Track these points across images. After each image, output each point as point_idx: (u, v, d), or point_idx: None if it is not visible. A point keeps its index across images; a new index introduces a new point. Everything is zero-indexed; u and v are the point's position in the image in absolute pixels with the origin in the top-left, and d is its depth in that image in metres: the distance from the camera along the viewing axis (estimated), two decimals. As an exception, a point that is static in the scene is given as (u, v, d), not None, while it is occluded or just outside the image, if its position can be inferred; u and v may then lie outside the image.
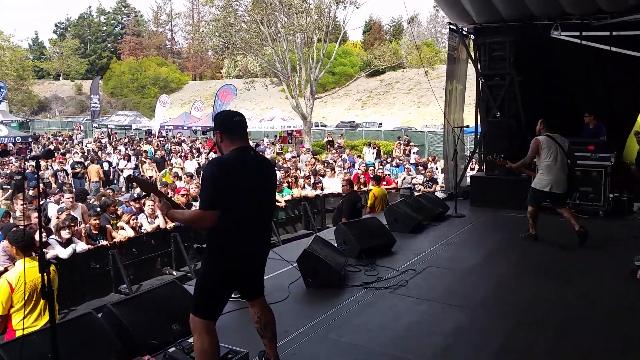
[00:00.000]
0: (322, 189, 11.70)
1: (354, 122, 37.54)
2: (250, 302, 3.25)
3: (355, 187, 10.18)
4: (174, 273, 7.57)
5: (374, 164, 15.57)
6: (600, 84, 9.05)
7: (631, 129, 9.10)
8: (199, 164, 16.75)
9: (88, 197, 10.26)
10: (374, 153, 20.28)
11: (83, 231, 7.01)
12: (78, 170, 14.98)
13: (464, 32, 9.78)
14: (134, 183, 3.54)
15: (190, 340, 3.50)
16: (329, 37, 27.39)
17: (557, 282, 5.11)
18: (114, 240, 7.16)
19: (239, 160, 2.93)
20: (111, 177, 16.14)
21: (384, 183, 11.79)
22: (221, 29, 25.89)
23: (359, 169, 13.84)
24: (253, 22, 25.81)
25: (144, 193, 6.58)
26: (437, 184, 11.93)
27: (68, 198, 8.38)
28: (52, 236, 6.49)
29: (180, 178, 12.59)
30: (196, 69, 69.51)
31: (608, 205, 7.92)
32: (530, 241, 6.62)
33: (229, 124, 3.04)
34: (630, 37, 7.97)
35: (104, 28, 72.14)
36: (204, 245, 3.05)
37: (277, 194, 10.18)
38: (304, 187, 11.52)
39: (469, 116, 11.04)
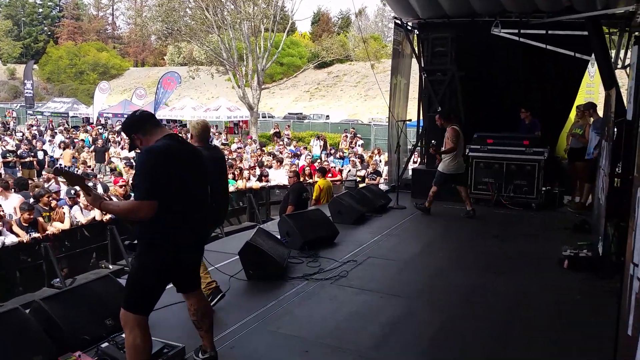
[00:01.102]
0: (267, 180, 11.64)
1: (301, 113, 37.52)
2: (186, 294, 3.18)
3: (301, 179, 10.19)
4: (110, 267, 7.33)
5: (320, 156, 15.63)
6: (536, 81, 9.45)
7: (564, 125, 9.58)
8: (137, 153, 16.27)
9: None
10: (321, 145, 20.37)
11: (13, 223, 6.66)
12: (10, 159, 14.21)
13: (409, 27, 9.92)
14: (61, 175, 3.37)
15: (124, 335, 3.41)
16: (277, 27, 27.16)
17: (491, 272, 5.31)
18: (46, 232, 6.83)
19: (169, 148, 2.86)
20: (46, 166, 15.37)
21: (329, 175, 11.86)
22: (165, 14, 25.18)
23: (305, 161, 13.86)
24: (198, 8, 25.24)
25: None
26: (381, 176, 12.13)
27: (-5, 188, 7.91)
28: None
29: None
30: (138, 55, 67.16)
31: (540, 198, 8.30)
32: (424, 213, 7.83)
33: (137, 122, 2.96)
34: (564, 37, 8.35)
35: (40, 10, 68.25)
36: (135, 242, 2.95)
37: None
38: (248, 178, 11.42)
39: (413, 110, 11.28)
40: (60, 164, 14.94)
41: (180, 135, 3.17)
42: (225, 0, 25.25)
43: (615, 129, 5.70)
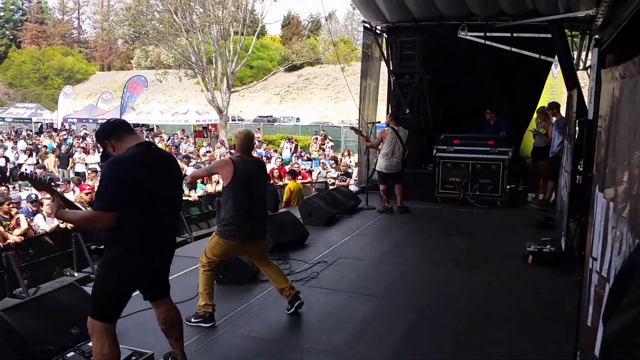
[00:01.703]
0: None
1: (271, 116, 37.39)
2: (155, 302, 3.13)
3: (271, 182, 10.16)
4: (76, 275, 7.14)
5: (290, 159, 15.62)
6: (501, 82, 9.67)
7: (528, 126, 9.83)
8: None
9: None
10: (291, 148, 20.34)
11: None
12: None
13: (378, 31, 10.02)
14: (27, 181, 3.29)
15: (90, 344, 3.33)
16: (247, 30, 27.02)
17: (459, 269, 5.42)
18: (7, 241, 6.62)
19: (139, 156, 2.80)
20: (7, 173, 14.94)
21: (300, 177, 11.86)
22: (132, 18, 24.71)
23: (275, 164, 13.82)
24: (166, 11, 24.85)
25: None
26: (351, 177, 12.19)
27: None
28: None
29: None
30: (104, 59, 65.78)
31: (505, 196, 8.50)
32: (388, 213, 7.99)
33: (110, 129, 2.91)
34: (528, 39, 8.56)
35: (1, 14, 66.16)
36: (102, 247, 2.89)
37: (189, 189, 9.93)
38: (218, 182, 11.31)
39: (382, 112, 11.38)
40: (27, 170, 14.53)
41: (152, 142, 3.11)
42: (194, 3, 24.97)
43: (577, 128, 5.89)
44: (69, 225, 7.28)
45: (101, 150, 3.09)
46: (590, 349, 2.42)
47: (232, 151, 3.82)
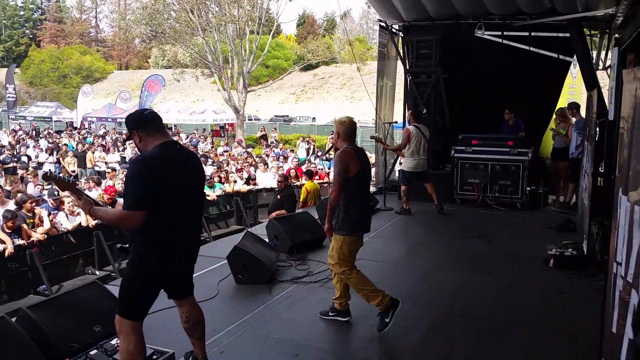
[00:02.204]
0: (255, 183, 11.62)
1: (287, 115, 37.51)
2: (179, 301, 3.18)
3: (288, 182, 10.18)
4: (97, 273, 7.26)
5: (306, 159, 15.63)
6: (520, 82, 9.55)
7: (547, 126, 9.71)
8: (122, 157, 16.11)
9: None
10: (308, 148, 20.33)
11: (-1, 231, 6.57)
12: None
13: (394, 30, 9.98)
14: (51, 181, 3.36)
15: (113, 342, 3.40)
16: (262, 29, 27.11)
17: (477, 272, 5.36)
18: (31, 239, 6.74)
19: (163, 156, 2.84)
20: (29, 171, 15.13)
21: (317, 177, 11.87)
22: (148, 17, 24.95)
23: (291, 164, 13.85)
24: (183, 10, 25.06)
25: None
26: (368, 178, 12.16)
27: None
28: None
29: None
30: (122, 58, 66.57)
31: (525, 198, 8.40)
32: (406, 214, 7.96)
33: (143, 120, 2.95)
34: (546, 39, 8.48)
35: (22, 13, 67.31)
36: (127, 245, 2.94)
37: (208, 188, 10.02)
38: (235, 181, 11.39)
39: (399, 112, 11.33)
40: (50, 169, 14.77)
41: (177, 141, 3.15)
42: (210, 2, 25.14)
43: (597, 130, 5.81)
44: (91, 224, 7.39)
45: (121, 147, 3.14)
46: (615, 355, 2.39)
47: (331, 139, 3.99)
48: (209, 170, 11.21)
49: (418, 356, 3.61)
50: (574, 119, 8.20)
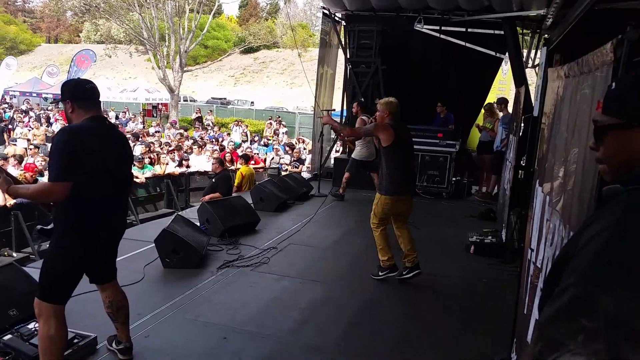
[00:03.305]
0: (188, 166, 11.35)
1: (225, 98, 36.73)
2: (101, 285, 3.07)
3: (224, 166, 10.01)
4: (14, 254, 6.84)
5: (240, 143, 15.45)
6: (453, 77, 9.90)
7: (475, 120, 10.14)
8: (47, 135, 15.25)
9: None
10: (241, 132, 20.03)
11: None
12: None
13: (336, 18, 10.01)
14: None
15: (30, 326, 3.24)
16: (202, 9, 26.35)
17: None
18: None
19: (91, 129, 2.73)
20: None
21: (252, 162, 11.77)
22: (82, -11, 23.61)
23: (228, 148, 13.65)
24: (119, -16, 23.92)
25: None
26: (304, 164, 12.21)
27: None
28: None
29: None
30: (51, 30, 62.42)
31: (451, 188, 8.77)
32: (339, 200, 8.16)
33: (82, 92, 2.82)
34: (481, 35, 8.80)
35: None
36: (50, 227, 2.80)
37: (137, 170, 9.67)
38: (167, 164, 11.07)
39: (337, 100, 11.43)
40: None
41: (106, 117, 3.03)
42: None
43: (522, 124, 6.13)
44: (9, 203, 6.95)
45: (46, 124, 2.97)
46: (524, 335, 2.56)
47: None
48: (138, 150, 10.79)
49: (347, 338, 3.69)
50: (501, 114, 8.61)
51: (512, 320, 3.19)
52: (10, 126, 16.75)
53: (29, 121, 17.22)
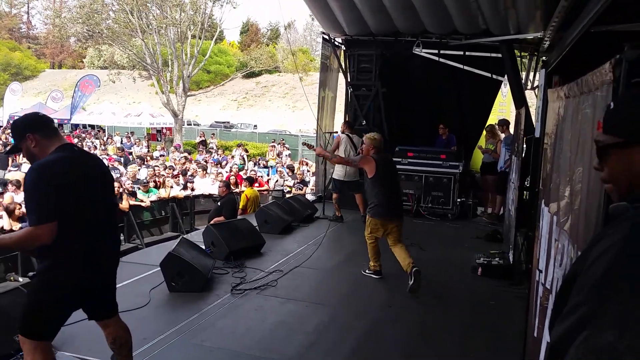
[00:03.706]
0: (192, 189, 11.38)
1: (228, 122, 37.00)
2: (102, 322, 2.86)
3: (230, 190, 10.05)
4: (20, 279, 6.82)
5: (242, 165, 15.50)
6: (454, 99, 9.98)
7: (477, 141, 10.18)
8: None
9: None
10: (242, 155, 20.07)
11: None
12: None
13: (336, 43, 10.14)
14: None
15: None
16: (205, 34, 26.74)
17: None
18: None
19: (63, 159, 2.56)
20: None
21: (257, 185, 11.80)
22: (86, 16, 23.99)
23: (230, 171, 13.69)
24: (122, 11, 24.29)
25: None
26: (307, 186, 12.24)
27: None
28: None
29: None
30: (55, 56, 63.30)
31: (456, 209, 8.75)
32: (339, 222, 8.12)
33: (39, 122, 2.67)
34: (480, 58, 8.89)
35: (-58, 2, 62.65)
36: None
37: (143, 194, 9.71)
38: (172, 187, 11.11)
39: (339, 122, 11.50)
40: None
41: (74, 144, 2.92)
42: (151, 4, 24.52)
43: (524, 145, 6.15)
44: (15, 228, 6.96)
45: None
46: (535, 359, 2.53)
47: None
48: (143, 173, 10.85)
49: (352, 362, 3.66)
50: (503, 135, 8.65)
51: (522, 343, 3.16)
52: (15, 151, 16.82)
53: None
